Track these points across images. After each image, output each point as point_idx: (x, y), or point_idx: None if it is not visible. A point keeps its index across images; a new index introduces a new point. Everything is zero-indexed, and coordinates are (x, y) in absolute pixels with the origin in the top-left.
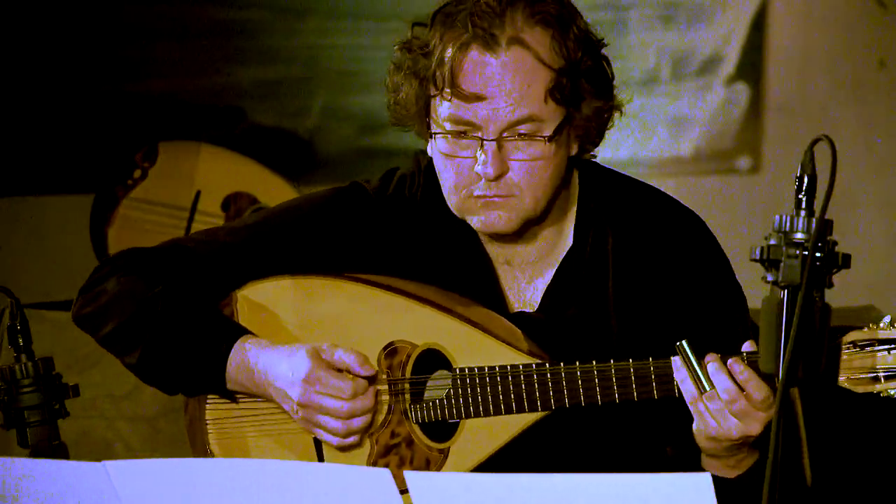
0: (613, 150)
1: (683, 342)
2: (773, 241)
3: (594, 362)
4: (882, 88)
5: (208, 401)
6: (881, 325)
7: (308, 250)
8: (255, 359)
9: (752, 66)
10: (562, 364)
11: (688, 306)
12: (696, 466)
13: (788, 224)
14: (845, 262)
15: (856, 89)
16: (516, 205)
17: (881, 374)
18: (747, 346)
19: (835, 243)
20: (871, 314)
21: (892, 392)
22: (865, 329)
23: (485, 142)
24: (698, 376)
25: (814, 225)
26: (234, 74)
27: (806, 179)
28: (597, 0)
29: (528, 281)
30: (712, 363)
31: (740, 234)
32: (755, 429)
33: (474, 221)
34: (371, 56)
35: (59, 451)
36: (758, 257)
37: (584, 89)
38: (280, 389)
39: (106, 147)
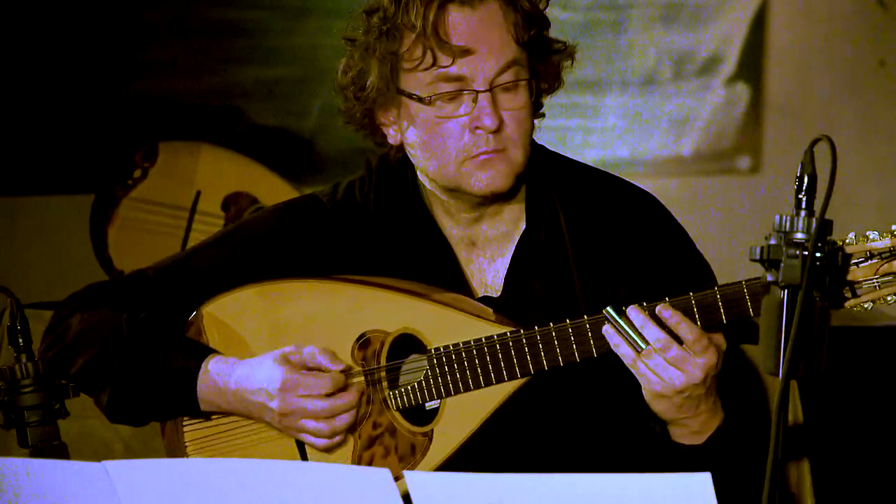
0: (613, 150)
1: (608, 308)
2: (773, 241)
3: (567, 320)
4: (882, 88)
5: (185, 423)
6: (847, 240)
7: (269, 268)
8: (225, 377)
9: (752, 66)
10: (536, 327)
11: (650, 277)
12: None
13: (788, 224)
14: (845, 262)
15: (856, 89)
16: (510, 159)
17: (853, 289)
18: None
19: (834, 243)
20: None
21: (865, 306)
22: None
23: (479, 94)
24: (631, 337)
25: (814, 225)
26: (234, 74)
27: (806, 179)
28: (597, 0)
29: (489, 261)
30: (638, 316)
31: (740, 234)
32: (697, 375)
33: (473, 183)
34: None
35: (59, 451)
36: (758, 257)
37: (543, 37)
38: (258, 403)
39: (106, 147)
